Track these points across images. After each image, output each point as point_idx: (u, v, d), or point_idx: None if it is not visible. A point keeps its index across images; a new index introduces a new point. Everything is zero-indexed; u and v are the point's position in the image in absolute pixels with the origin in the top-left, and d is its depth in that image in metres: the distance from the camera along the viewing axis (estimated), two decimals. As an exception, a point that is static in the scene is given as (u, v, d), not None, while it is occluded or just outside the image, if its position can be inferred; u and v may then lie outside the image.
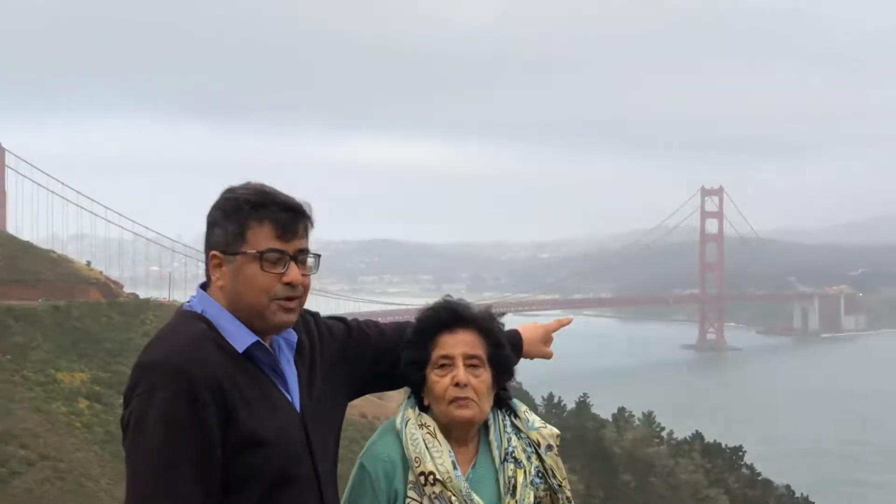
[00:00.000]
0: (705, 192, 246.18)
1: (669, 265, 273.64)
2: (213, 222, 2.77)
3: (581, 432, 58.42)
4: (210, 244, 2.77)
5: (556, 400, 66.59)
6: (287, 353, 2.88)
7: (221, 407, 2.63)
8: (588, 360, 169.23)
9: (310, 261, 2.81)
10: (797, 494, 59.91)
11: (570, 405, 66.32)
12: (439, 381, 3.10)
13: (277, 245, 2.70)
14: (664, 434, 63.06)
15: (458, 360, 3.10)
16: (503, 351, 3.20)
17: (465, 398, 3.07)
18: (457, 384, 3.07)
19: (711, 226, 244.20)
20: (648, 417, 64.21)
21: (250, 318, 2.75)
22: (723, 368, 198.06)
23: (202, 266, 2.91)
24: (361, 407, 54.36)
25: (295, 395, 2.84)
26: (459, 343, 3.12)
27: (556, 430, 3.32)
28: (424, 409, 3.15)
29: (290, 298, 2.74)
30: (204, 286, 2.85)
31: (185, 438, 2.57)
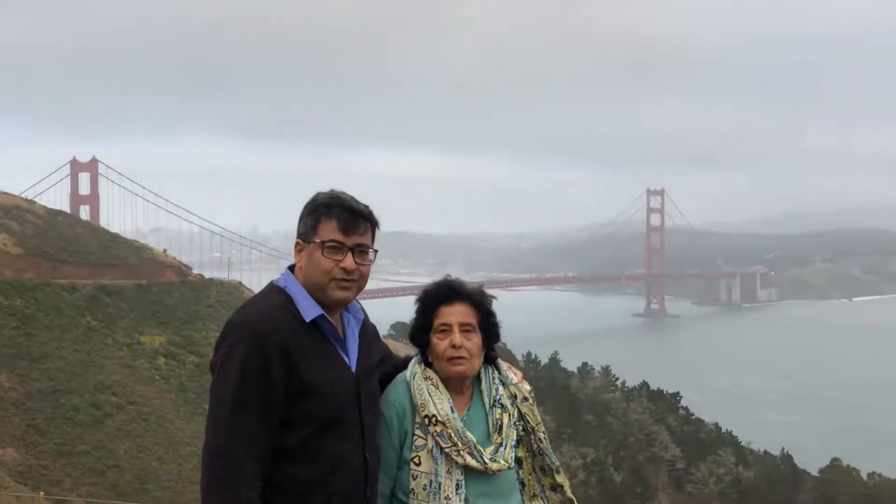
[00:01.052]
0: (650, 193, 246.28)
1: (622, 251, 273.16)
2: (300, 217, 2.88)
3: (553, 382, 58.53)
4: (297, 234, 2.88)
5: (533, 357, 66.66)
6: (354, 326, 2.99)
7: (286, 361, 2.72)
8: (558, 326, 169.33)
9: (370, 255, 2.89)
10: (723, 430, 59.95)
11: (545, 361, 66.39)
12: (440, 343, 3.16)
13: (339, 237, 2.80)
14: (618, 383, 63.15)
15: (454, 327, 3.16)
16: (492, 319, 3.26)
17: (460, 357, 3.14)
18: (453, 346, 3.14)
19: (655, 220, 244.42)
20: (606, 370, 64.26)
21: (316, 293, 2.83)
22: (664, 332, 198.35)
23: (255, 253, 3.10)
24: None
25: (353, 359, 2.92)
26: (456, 313, 3.17)
27: (528, 387, 3.40)
28: (428, 365, 3.20)
29: (346, 280, 2.81)
30: (291, 268, 2.95)
31: (255, 384, 2.69)
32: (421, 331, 3.21)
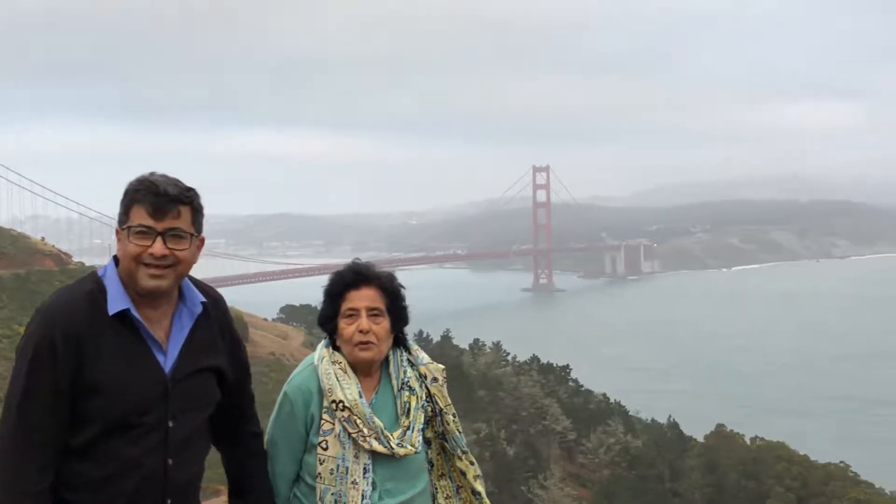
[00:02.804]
0: (536, 169, 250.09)
1: (510, 227, 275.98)
2: (119, 204, 2.78)
3: (445, 359, 57.76)
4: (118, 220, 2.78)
5: (424, 335, 66.66)
6: (186, 321, 2.83)
7: (74, 355, 2.60)
8: (449, 303, 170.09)
9: (188, 239, 2.74)
10: (612, 400, 61.05)
11: (436, 339, 66.48)
12: (347, 328, 3.14)
13: (147, 222, 2.66)
14: (509, 358, 63.56)
15: (362, 312, 3.14)
16: (400, 303, 3.25)
17: (368, 342, 3.13)
18: (361, 331, 3.13)
19: (542, 195, 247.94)
20: (497, 346, 64.61)
21: (129, 281, 2.72)
22: (553, 305, 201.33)
23: None
24: (269, 347, 53.74)
25: (170, 357, 2.77)
26: (363, 297, 3.16)
27: (441, 366, 3.40)
28: (336, 349, 3.19)
29: (156, 266, 2.68)
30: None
31: (42, 375, 2.60)
32: (329, 317, 3.20)
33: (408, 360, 3.29)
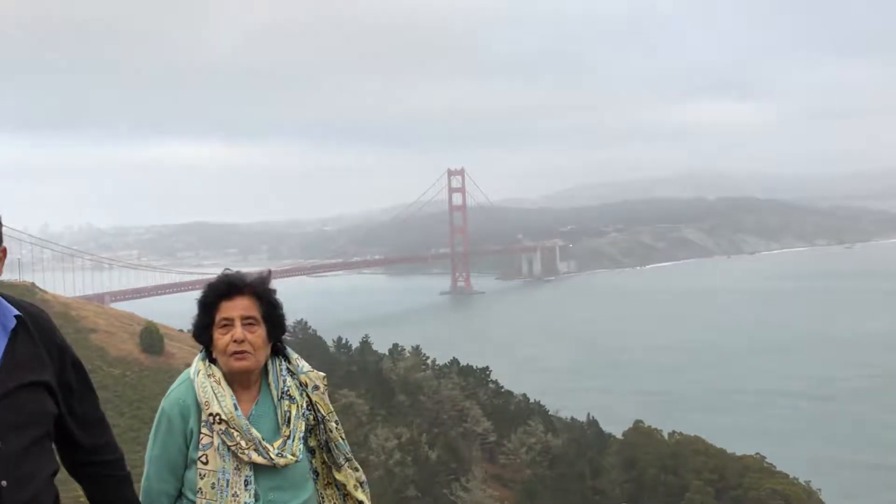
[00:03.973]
0: (451, 173, 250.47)
1: (426, 230, 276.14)
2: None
3: (364, 365, 58.43)
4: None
5: (343, 341, 66.28)
6: (2, 333, 2.70)
7: None
8: (367, 309, 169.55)
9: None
10: (532, 400, 61.43)
11: (356, 345, 66.17)
12: (221, 338, 3.13)
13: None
14: (429, 362, 63.50)
15: (236, 321, 3.13)
16: (276, 311, 3.21)
17: (243, 351, 3.11)
18: (235, 340, 3.11)
19: (457, 198, 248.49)
20: (416, 350, 64.49)
21: None
22: (472, 308, 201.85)
23: (46, 252, 2.86)
24: (185, 358, 52.81)
25: None
26: (237, 307, 3.14)
27: (321, 374, 3.35)
28: (212, 361, 3.18)
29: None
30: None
31: None
32: (204, 328, 3.17)
33: (287, 368, 3.27)
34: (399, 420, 51.40)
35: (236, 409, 3.09)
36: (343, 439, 3.33)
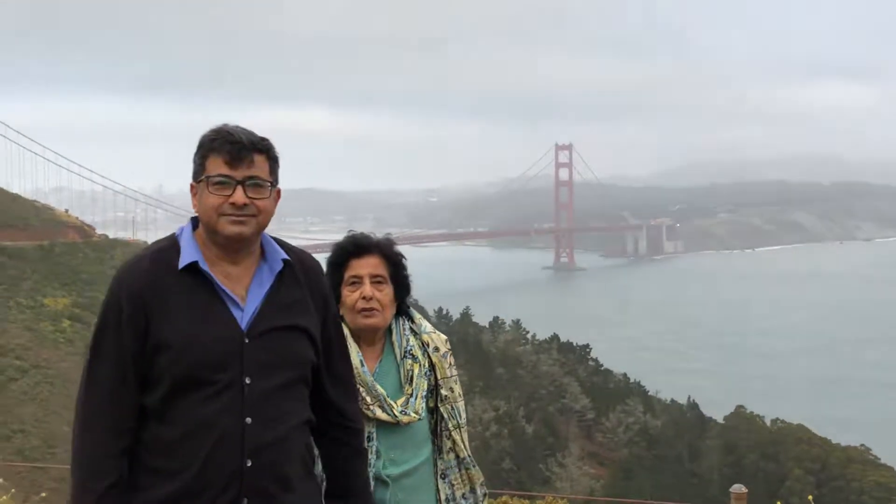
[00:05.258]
0: (559, 148, 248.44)
1: (532, 205, 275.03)
2: (193, 159, 2.71)
3: (464, 336, 58.75)
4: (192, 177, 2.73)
5: (444, 312, 66.80)
6: (266, 276, 2.72)
7: (139, 315, 2.56)
8: (469, 280, 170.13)
9: (268, 188, 2.68)
10: (631, 380, 61.01)
11: (456, 316, 66.61)
12: (350, 295, 3.18)
13: (225, 171, 2.61)
14: (529, 337, 63.61)
15: (364, 279, 3.18)
16: (402, 271, 3.28)
17: (371, 309, 3.16)
18: (364, 297, 3.17)
19: (564, 174, 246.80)
20: (517, 324, 64.66)
21: (211, 233, 2.65)
22: (574, 284, 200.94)
23: (160, 212, 2.95)
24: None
25: (247, 313, 2.65)
26: (365, 265, 3.20)
27: (443, 336, 3.38)
28: (340, 318, 3.16)
29: (237, 215, 2.61)
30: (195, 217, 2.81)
31: (109, 337, 2.57)
32: (333, 287, 3.15)
33: (410, 328, 3.31)
34: (497, 393, 51.64)
35: (362, 365, 3.13)
36: (457, 407, 3.34)
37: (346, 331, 3.11)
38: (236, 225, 2.61)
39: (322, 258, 3.17)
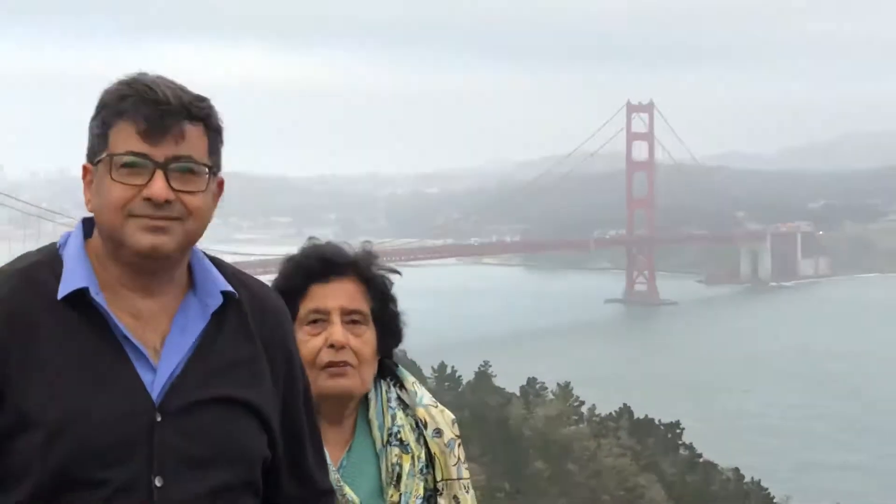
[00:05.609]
0: (631, 109, 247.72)
1: (589, 200, 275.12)
2: (89, 125, 2.56)
3: (481, 410, 58.83)
4: (86, 155, 2.57)
5: (449, 370, 66.88)
6: (195, 317, 2.57)
7: None
8: (489, 320, 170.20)
9: (203, 176, 2.53)
10: (746, 479, 61.05)
11: (468, 377, 66.72)
12: (309, 340, 3.06)
13: (140, 148, 2.45)
14: (584, 410, 63.70)
15: (333, 315, 3.09)
16: (390, 305, 3.23)
17: (343, 364, 3.05)
18: (332, 345, 3.05)
19: (640, 151, 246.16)
20: (564, 390, 64.67)
21: (112, 245, 2.52)
22: (655, 327, 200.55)
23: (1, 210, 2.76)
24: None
25: (161, 375, 2.48)
26: (336, 294, 3.11)
27: (450, 415, 3.36)
28: None
29: (153, 217, 2.45)
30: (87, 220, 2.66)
31: None
32: None
33: (398, 398, 3.29)
34: (534, 499, 51.75)
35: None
36: None
37: None
38: (152, 233, 2.46)
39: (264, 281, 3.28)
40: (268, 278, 3.38)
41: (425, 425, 3.25)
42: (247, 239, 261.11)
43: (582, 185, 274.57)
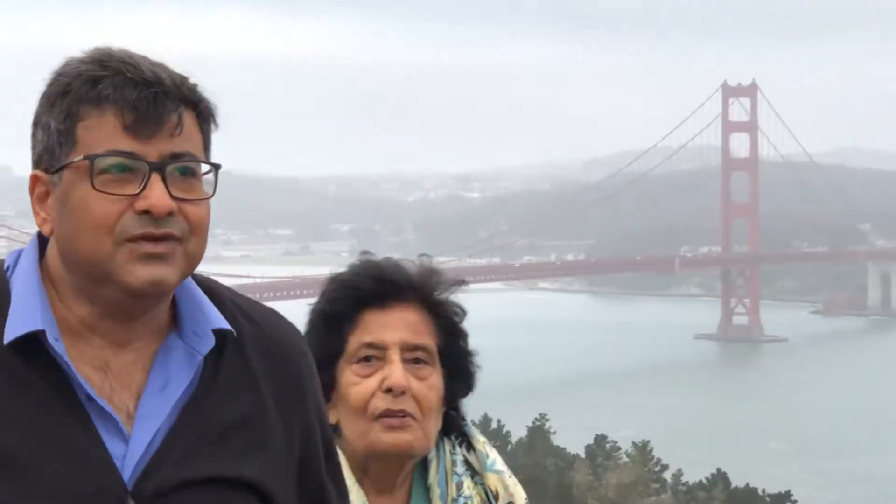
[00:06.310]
0: (729, 93, 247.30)
1: (673, 208, 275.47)
2: (35, 120, 2.36)
3: (537, 476, 58.91)
4: (32, 160, 2.37)
5: (495, 425, 66.97)
6: (179, 367, 2.39)
7: None
8: (547, 361, 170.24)
9: (199, 181, 2.36)
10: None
11: (520, 432, 66.79)
12: (360, 383, 2.99)
13: (123, 145, 2.26)
14: (667, 476, 63.72)
15: (392, 351, 3.00)
16: (460, 342, 3.15)
17: (403, 413, 2.97)
18: (389, 389, 2.97)
19: (739, 145, 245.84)
20: (643, 450, 64.66)
21: (91, 281, 2.31)
22: (758, 369, 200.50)
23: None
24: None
25: (135, 448, 2.30)
26: (395, 324, 3.03)
27: (523, 492, 3.25)
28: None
29: (154, 239, 2.26)
30: (42, 236, 2.42)
31: None
32: (320, 362, 2.85)
33: (464, 461, 3.18)
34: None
35: None
36: None
37: (341, 458, 2.83)
38: (151, 264, 2.29)
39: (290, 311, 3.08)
40: (277, 307, 3.10)
41: (496, 497, 3.16)
42: (239, 256, 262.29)
43: (664, 188, 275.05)
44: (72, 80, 2.27)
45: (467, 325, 3.35)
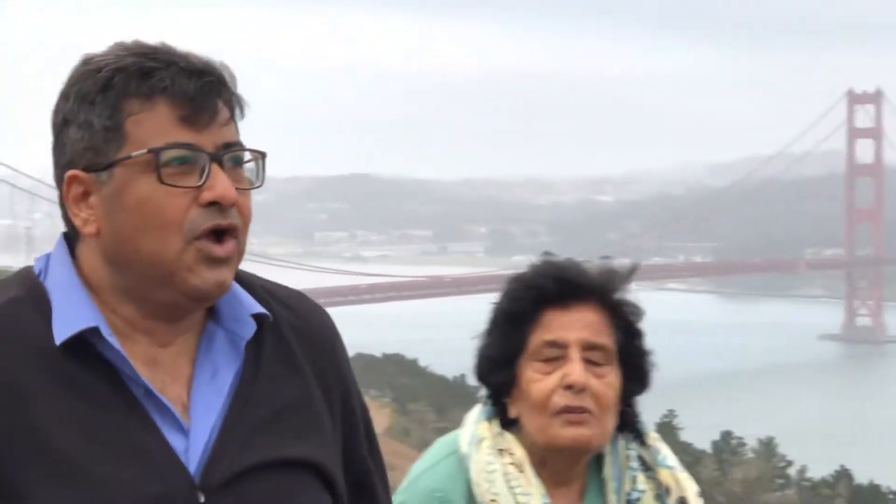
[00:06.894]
0: (854, 100, 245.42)
1: (798, 211, 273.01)
2: (65, 118, 2.23)
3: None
4: (63, 160, 2.24)
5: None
6: (224, 355, 2.33)
7: None
8: (673, 359, 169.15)
9: (247, 163, 2.29)
10: None
11: (649, 426, 66.51)
12: (541, 380, 3.00)
13: (181, 136, 2.18)
14: (791, 472, 63.27)
15: (572, 350, 3.00)
16: (636, 341, 3.16)
17: (582, 409, 2.97)
18: (569, 386, 2.97)
19: (864, 151, 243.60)
20: (767, 446, 64.29)
21: (147, 284, 2.22)
22: (882, 370, 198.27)
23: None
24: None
25: (197, 440, 2.23)
26: (576, 324, 3.03)
27: (695, 485, 3.27)
28: (508, 423, 3.07)
29: (221, 232, 2.19)
30: (70, 237, 2.30)
31: None
32: (503, 360, 3.04)
33: (638, 457, 3.20)
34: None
35: None
36: None
37: (520, 451, 3.00)
38: (218, 267, 2.22)
39: (387, 311, 3.06)
40: (396, 308, 3.10)
41: (668, 492, 3.16)
42: (378, 256, 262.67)
43: (790, 193, 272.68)
44: (114, 75, 2.17)
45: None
